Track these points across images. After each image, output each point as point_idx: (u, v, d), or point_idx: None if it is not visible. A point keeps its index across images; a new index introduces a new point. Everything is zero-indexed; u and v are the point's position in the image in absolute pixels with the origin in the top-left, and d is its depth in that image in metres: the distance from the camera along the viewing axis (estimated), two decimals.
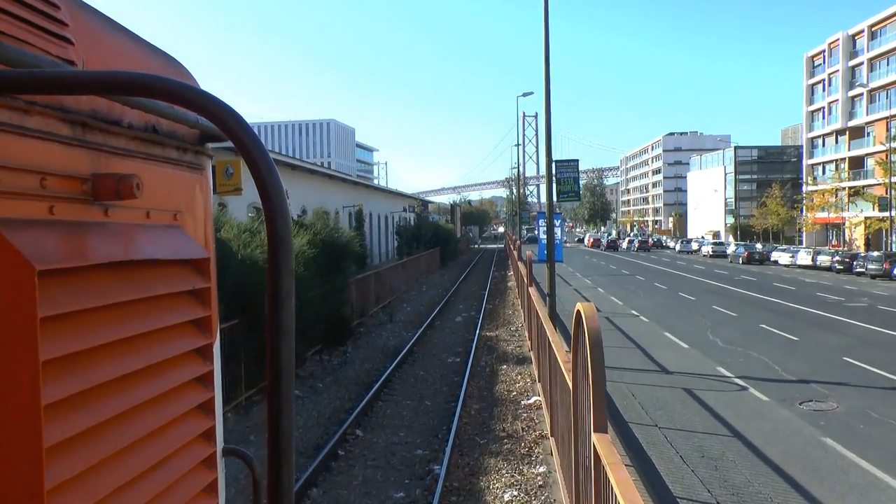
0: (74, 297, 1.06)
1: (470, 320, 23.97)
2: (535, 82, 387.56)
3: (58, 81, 0.98)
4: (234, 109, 0.99)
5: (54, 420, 0.98)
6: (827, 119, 74.79)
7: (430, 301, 29.87)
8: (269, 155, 1.00)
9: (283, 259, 1.00)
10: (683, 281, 39.89)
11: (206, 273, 1.51)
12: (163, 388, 1.30)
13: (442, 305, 27.86)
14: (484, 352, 17.93)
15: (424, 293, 33.42)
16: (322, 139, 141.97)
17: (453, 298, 31.22)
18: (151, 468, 1.25)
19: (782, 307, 27.34)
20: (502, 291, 33.42)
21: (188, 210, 1.54)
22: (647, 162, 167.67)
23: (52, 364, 0.99)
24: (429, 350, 18.59)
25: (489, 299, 30.02)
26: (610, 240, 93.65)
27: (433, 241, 50.77)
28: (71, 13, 1.23)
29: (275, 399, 1.01)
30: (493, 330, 21.38)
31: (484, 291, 33.70)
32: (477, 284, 38.27)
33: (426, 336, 20.77)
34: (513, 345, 18.60)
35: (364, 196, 54.94)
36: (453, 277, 42.65)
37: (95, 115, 1.21)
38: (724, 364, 16.21)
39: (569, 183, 17.38)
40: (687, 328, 21.75)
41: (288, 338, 1.01)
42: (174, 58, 1.68)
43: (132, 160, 1.32)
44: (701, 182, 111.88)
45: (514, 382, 14.33)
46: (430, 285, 37.62)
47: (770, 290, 34.56)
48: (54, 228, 1.07)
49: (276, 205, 1.00)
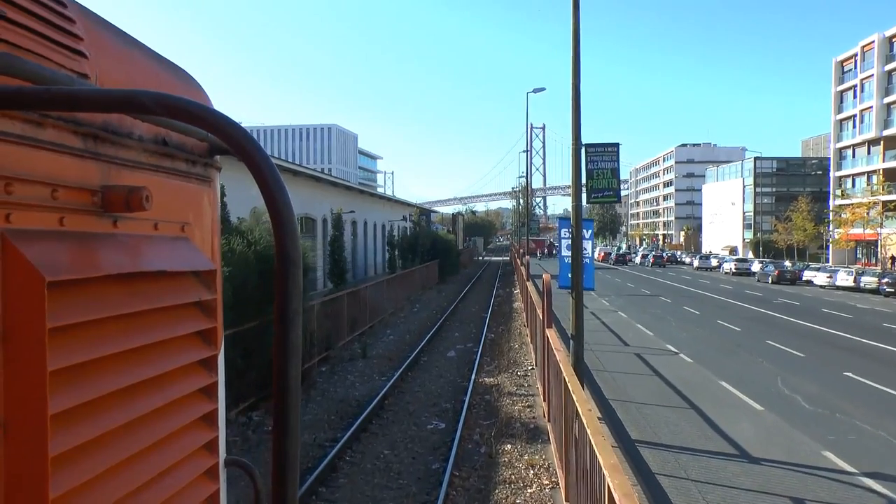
0: (83, 308, 1.07)
1: (465, 356, 18.93)
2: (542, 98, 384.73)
3: (71, 99, 0.98)
4: (246, 131, 1.01)
5: (60, 430, 0.99)
6: (858, 128, 69.55)
7: (421, 326, 24.83)
8: (280, 176, 1.01)
9: (292, 278, 1.01)
10: (715, 304, 34.72)
11: (212, 285, 1.50)
12: (167, 398, 1.30)
13: (433, 332, 22.82)
14: (480, 413, 12.88)
15: (415, 315, 28.37)
16: (323, 145, 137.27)
17: (448, 323, 26.17)
18: (155, 478, 1.25)
19: (855, 344, 22.17)
20: (507, 314, 28.33)
21: (196, 222, 1.55)
22: (658, 174, 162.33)
23: (60, 374, 1.00)
24: (404, 406, 13.55)
25: (491, 325, 24.98)
26: (619, 254, 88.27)
27: (431, 252, 45.73)
28: (85, 27, 1.25)
29: (281, 416, 1.02)
30: (495, 374, 16.33)
31: (486, 314, 28.66)
32: (478, 304, 33.22)
33: (406, 381, 15.75)
34: (520, 402, 13.54)
35: (358, 203, 50.02)
36: (452, 295, 37.58)
37: (107, 128, 1.22)
38: (830, 445, 11.13)
39: (604, 177, 12.16)
40: (747, 375, 16.66)
41: (295, 356, 1.02)
42: (186, 71, 1.69)
43: (142, 172, 1.33)
44: (717, 195, 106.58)
45: (523, 483, 9.28)
46: (424, 304, 32.57)
47: (822, 318, 29.38)
48: (64, 240, 1.08)
49: (285, 225, 1.00)
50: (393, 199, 71.04)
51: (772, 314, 30.43)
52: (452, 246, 50.93)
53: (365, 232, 52.60)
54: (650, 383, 15.71)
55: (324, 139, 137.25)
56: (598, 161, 12.15)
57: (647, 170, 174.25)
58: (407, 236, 46.54)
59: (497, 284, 44.65)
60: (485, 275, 57.66)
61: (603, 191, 12.24)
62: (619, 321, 26.83)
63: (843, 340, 22.88)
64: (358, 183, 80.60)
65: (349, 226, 48.73)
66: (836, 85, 73.20)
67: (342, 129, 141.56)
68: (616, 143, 12.37)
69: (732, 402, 14.07)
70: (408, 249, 45.52)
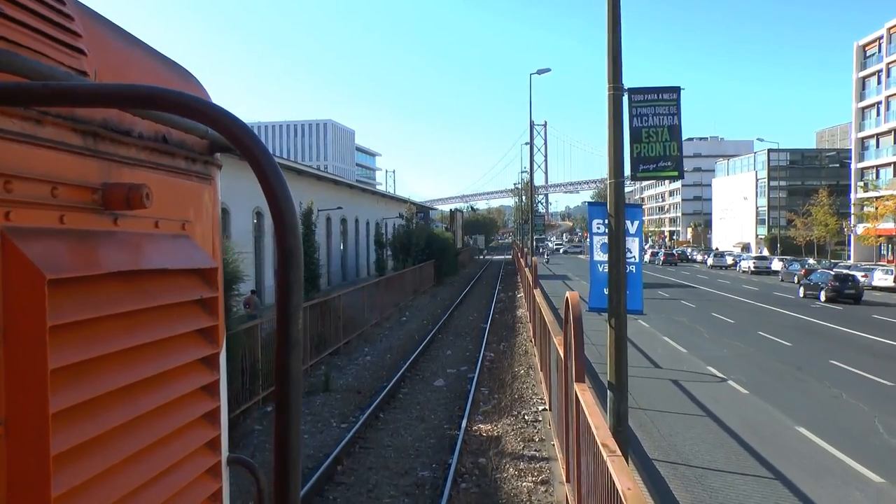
0: (83, 306, 1.06)
1: (457, 386, 14.84)
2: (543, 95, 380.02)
3: (70, 93, 0.98)
4: (246, 125, 0.99)
5: (62, 428, 0.99)
6: (883, 116, 65.16)
7: (407, 341, 20.74)
8: (280, 172, 0.99)
9: (294, 273, 1.00)
10: (747, 310, 30.54)
11: (213, 282, 1.49)
12: (169, 396, 1.29)
13: (421, 350, 18.74)
14: (471, 490, 8.80)
15: (402, 327, 24.26)
16: (319, 141, 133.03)
17: (441, 336, 22.08)
18: (157, 476, 1.24)
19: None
20: (509, 326, 24.22)
21: (197, 219, 1.53)
22: None
23: (61, 372, 1.00)
24: (364, 475, 9.46)
25: (491, 339, 20.89)
26: None
27: (427, 252, 41.56)
28: (84, 24, 1.25)
29: (283, 410, 1.01)
30: (493, 417, 12.23)
31: (485, 323, 24.59)
32: (477, 311, 29.12)
33: (374, 428, 11.67)
34: (530, 472, 9.43)
35: (346, 198, 45.86)
36: (448, 300, 33.47)
37: (107, 126, 1.21)
38: None
39: (659, 139, 7.58)
40: (830, 416, 12.56)
41: (296, 350, 1.01)
42: (184, 68, 1.67)
43: (142, 170, 1.32)
44: (728, 189, 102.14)
45: None
46: (415, 312, 28.46)
47: (879, 327, 25.20)
48: (65, 237, 1.08)
49: (287, 220, 1.00)
50: (388, 196, 66.90)
51: (819, 323, 26.20)
52: (450, 245, 46.73)
53: (356, 230, 48.42)
54: (704, 430, 11.61)
55: (319, 135, 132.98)
56: (649, 115, 7.86)
57: None
58: (399, 235, 42.38)
59: (498, 287, 40.52)
60: (485, 275, 53.52)
61: (657, 161, 7.75)
62: (642, 332, 22.73)
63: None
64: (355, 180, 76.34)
65: (337, 223, 44.72)
66: (858, 71, 68.74)
67: (338, 124, 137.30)
68: (677, 88, 8.05)
69: (830, 465, 9.96)
70: (400, 249, 41.45)
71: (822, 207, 64.27)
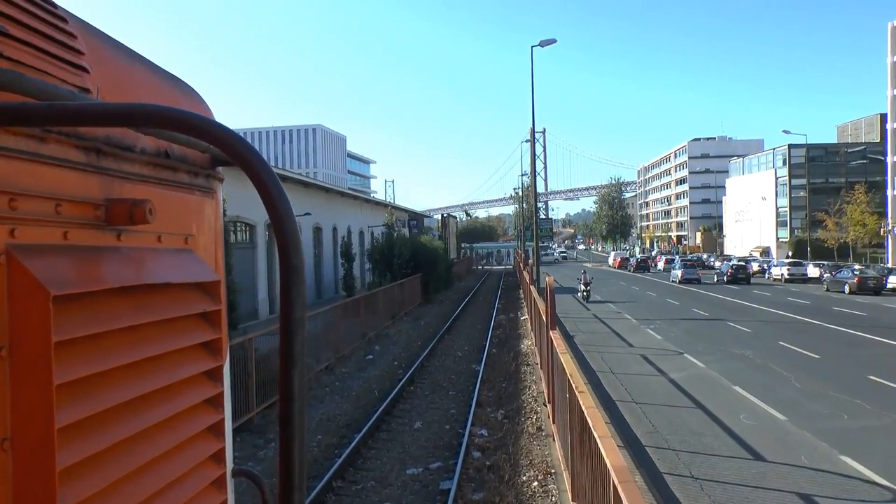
0: (88, 322, 1.07)
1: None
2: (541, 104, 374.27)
3: (74, 114, 0.99)
4: (247, 141, 1.00)
5: (67, 443, 0.99)
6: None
7: (355, 408, 13.89)
8: (281, 186, 1.00)
9: (297, 289, 1.01)
10: (824, 335, 23.58)
11: (216, 296, 1.49)
12: (173, 410, 1.29)
13: (371, 426, 11.94)
14: None
15: (360, 374, 17.37)
16: (308, 147, 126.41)
17: (411, 391, 15.26)
18: (162, 490, 1.23)
19: None
20: (509, 372, 17.30)
21: (199, 233, 1.54)
22: (670, 171, 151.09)
23: (66, 388, 1.00)
24: None
25: (484, 398, 14.09)
26: (640, 259, 76.80)
27: (413, 264, 34.76)
28: (87, 42, 1.25)
29: (287, 425, 1.02)
30: None
31: (478, 365, 17.84)
32: (468, 343, 22.29)
33: None
34: None
35: (324, 203, 39.12)
36: (433, 325, 26.64)
37: (109, 142, 1.21)
38: None
39: None
40: None
41: (300, 365, 1.02)
42: (187, 84, 1.67)
43: (145, 185, 1.32)
44: (743, 189, 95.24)
45: None
46: (386, 346, 21.62)
47: None
48: (69, 254, 1.08)
49: (289, 236, 1.00)
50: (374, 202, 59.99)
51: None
52: (440, 255, 39.81)
53: (334, 240, 41.60)
54: None
55: (308, 141, 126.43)
56: None
57: (657, 167, 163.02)
58: (378, 245, 35.58)
59: (497, 306, 33.69)
60: (483, 289, 46.67)
61: None
62: (699, 378, 15.93)
63: None
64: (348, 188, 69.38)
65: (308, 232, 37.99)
66: (893, 54, 62.02)
67: (329, 129, 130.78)
68: None
69: None
70: (380, 262, 34.67)
71: (858, 206, 57.44)
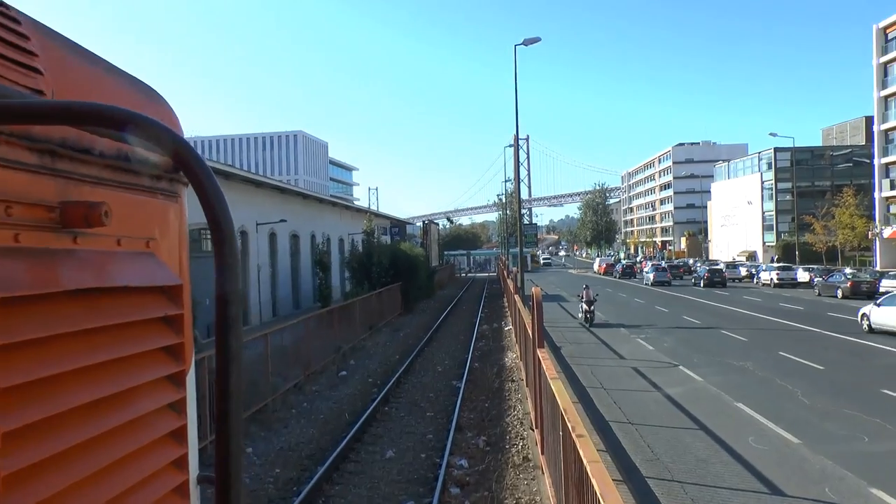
0: (39, 325, 1.05)
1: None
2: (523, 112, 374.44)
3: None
4: (185, 140, 1.00)
5: (13, 448, 0.97)
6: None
7: (322, 433, 12.45)
8: (217, 183, 0.99)
9: (231, 285, 0.99)
10: (824, 344, 22.37)
11: (179, 300, 1.48)
12: (133, 414, 1.28)
13: (338, 455, 10.51)
14: None
15: (332, 393, 15.92)
16: (288, 154, 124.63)
17: (385, 413, 13.85)
18: (120, 495, 1.22)
19: None
20: (493, 389, 15.90)
21: (162, 237, 1.53)
22: (654, 177, 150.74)
23: (11, 391, 0.98)
24: None
25: (465, 418, 12.70)
26: (625, 265, 75.71)
27: (392, 272, 33.36)
28: (41, 43, 1.23)
29: (224, 423, 1.00)
30: None
31: (459, 381, 16.47)
32: (450, 356, 20.90)
33: None
34: None
35: (301, 210, 37.64)
36: (413, 336, 25.23)
37: (65, 144, 1.19)
38: None
39: None
40: None
41: (237, 362, 1.01)
42: (151, 87, 1.62)
43: (103, 188, 1.30)
44: (729, 193, 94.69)
45: None
46: (361, 360, 20.17)
47: None
48: (19, 256, 1.06)
49: (224, 234, 0.99)
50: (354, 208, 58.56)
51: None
52: (421, 263, 38.39)
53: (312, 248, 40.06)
54: None
55: (289, 148, 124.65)
56: None
57: (641, 173, 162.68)
58: (356, 253, 34.14)
59: (481, 314, 32.34)
60: (466, 297, 45.34)
61: None
62: (697, 394, 14.65)
63: None
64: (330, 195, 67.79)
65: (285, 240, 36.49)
66: (879, 56, 61.34)
67: (310, 136, 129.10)
68: None
69: None
70: (358, 270, 33.24)
71: (847, 209, 56.76)
